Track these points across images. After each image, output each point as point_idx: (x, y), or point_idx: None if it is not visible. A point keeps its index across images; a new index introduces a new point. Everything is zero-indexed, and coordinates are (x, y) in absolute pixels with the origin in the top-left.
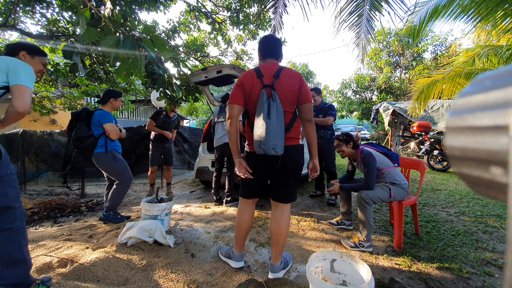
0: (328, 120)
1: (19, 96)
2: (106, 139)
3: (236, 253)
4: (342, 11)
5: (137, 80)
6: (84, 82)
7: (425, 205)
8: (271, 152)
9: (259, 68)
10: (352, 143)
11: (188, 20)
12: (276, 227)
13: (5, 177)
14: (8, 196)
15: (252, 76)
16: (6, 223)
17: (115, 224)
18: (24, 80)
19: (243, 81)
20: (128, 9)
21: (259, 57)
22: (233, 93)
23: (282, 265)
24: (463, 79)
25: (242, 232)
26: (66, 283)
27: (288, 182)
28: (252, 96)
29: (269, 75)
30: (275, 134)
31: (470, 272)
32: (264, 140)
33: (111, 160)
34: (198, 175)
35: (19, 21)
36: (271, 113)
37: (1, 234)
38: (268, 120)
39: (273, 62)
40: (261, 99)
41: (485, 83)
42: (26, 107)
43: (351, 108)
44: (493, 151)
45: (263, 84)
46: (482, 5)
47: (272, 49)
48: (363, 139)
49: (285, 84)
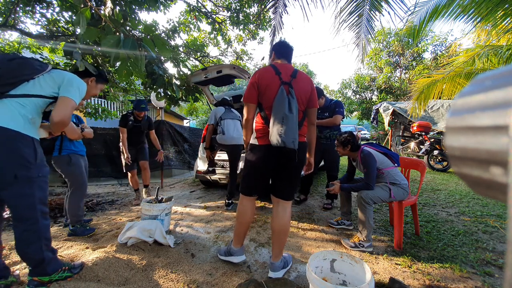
0: (336, 120)
1: (59, 106)
2: (61, 140)
3: (235, 247)
4: (342, 11)
5: (137, 80)
6: None
7: (425, 205)
8: (290, 145)
9: (276, 66)
10: (350, 145)
11: (188, 20)
12: (278, 225)
13: (35, 178)
14: (35, 197)
15: (270, 72)
16: (25, 226)
17: (110, 226)
18: (71, 94)
19: (259, 79)
20: (128, 9)
21: (273, 56)
22: (250, 93)
23: (282, 264)
24: (463, 79)
25: (242, 227)
26: (66, 283)
27: (293, 177)
28: (268, 90)
29: (287, 74)
30: (294, 128)
31: (470, 272)
32: (285, 132)
33: (65, 164)
34: (198, 175)
35: (19, 21)
36: (292, 108)
37: (24, 234)
38: (290, 114)
39: (287, 63)
40: (281, 94)
41: (485, 83)
42: (61, 117)
43: (351, 108)
44: (493, 151)
45: (281, 81)
46: (482, 5)
47: (289, 53)
48: (363, 139)
49: (301, 85)
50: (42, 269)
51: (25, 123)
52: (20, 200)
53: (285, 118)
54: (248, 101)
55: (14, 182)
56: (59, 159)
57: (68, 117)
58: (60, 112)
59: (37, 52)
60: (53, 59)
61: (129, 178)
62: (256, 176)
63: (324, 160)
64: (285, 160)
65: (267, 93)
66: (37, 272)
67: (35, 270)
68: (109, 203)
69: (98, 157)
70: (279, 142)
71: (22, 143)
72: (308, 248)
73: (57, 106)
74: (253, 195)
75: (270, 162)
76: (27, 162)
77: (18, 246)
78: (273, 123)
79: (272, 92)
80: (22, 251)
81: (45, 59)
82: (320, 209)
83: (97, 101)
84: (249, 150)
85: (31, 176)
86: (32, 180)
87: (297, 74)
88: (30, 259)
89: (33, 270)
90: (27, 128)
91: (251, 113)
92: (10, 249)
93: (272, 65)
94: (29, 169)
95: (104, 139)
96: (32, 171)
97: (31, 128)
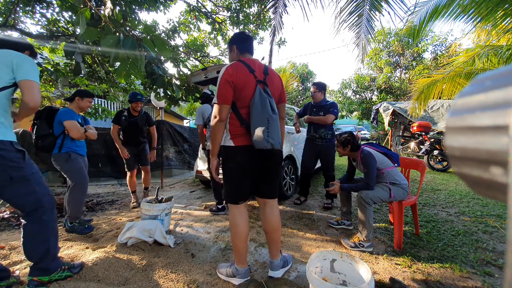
0: (328, 118)
1: (28, 91)
2: (63, 139)
3: (240, 268)
4: (342, 11)
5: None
6: (84, 82)
7: (425, 205)
8: (277, 146)
9: (247, 62)
10: (350, 146)
11: (188, 20)
12: (269, 225)
13: (31, 176)
14: (37, 193)
15: (245, 71)
16: (35, 219)
17: (110, 226)
18: (31, 75)
19: (234, 76)
20: (128, 9)
21: (236, 51)
22: (224, 92)
23: (282, 263)
24: (463, 79)
25: (241, 241)
26: (66, 283)
27: (276, 176)
28: (245, 90)
29: (259, 71)
30: (277, 129)
31: (470, 272)
32: (272, 134)
33: (63, 161)
34: (198, 175)
35: (19, 21)
36: (274, 108)
37: (33, 226)
38: (274, 115)
39: (252, 58)
40: (261, 94)
41: (485, 83)
42: (37, 102)
43: (351, 108)
44: (493, 151)
45: (256, 79)
46: (482, 5)
47: (252, 45)
48: (363, 139)
49: (274, 81)
50: (46, 264)
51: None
52: (25, 199)
53: (270, 120)
54: (224, 102)
55: (12, 183)
56: (59, 156)
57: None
58: (33, 97)
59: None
60: (53, 59)
61: (127, 178)
62: (240, 181)
63: (320, 160)
64: (270, 161)
65: (244, 93)
66: (40, 267)
67: (40, 264)
68: (109, 203)
69: (98, 157)
70: (267, 145)
71: (4, 150)
72: (308, 248)
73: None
74: (240, 202)
75: (254, 164)
76: (16, 163)
77: (25, 240)
78: (257, 125)
79: (249, 92)
80: (30, 244)
81: (45, 59)
82: (320, 209)
83: (97, 101)
84: (225, 154)
85: (25, 175)
86: (28, 178)
87: (269, 70)
88: (36, 251)
89: (37, 265)
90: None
91: (224, 113)
92: (10, 249)
93: (242, 62)
94: (21, 169)
95: (104, 139)
96: (25, 170)
97: (5, 132)
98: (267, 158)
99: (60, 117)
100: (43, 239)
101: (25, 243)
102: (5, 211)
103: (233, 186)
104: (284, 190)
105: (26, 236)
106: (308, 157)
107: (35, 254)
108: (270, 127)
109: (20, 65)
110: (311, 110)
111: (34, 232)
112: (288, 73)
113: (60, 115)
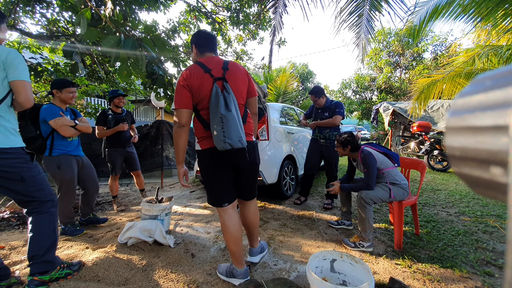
0: (336, 120)
1: (24, 92)
2: (52, 139)
3: (239, 269)
4: (342, 11)
5: (137, 80)
6: (84, 82)
7: (425, 205)
8: (237, 145)
9: (202, 62)
10: (350, 146)
11: (188, 20)
12: (250, 221)
13: (38, 175)
14: (45, 190)
15: (198, 72)
16: (45, 209)
17: (110, 226)
18: (24, 75)
19: (188, 80)
20: (128, 9)
21: (196, 52)
22: (179, 96)
23: (259, 250)
24: (463, 79)
25: (235, 244)
26: (66, 283)
27: (251, 177)
28: (202, 92)
29: (217, 68)
30: (236, 126)
31: (470, 272)
32: (228, 133)
33: (54, 166)
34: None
35: (19, 21)
36: (229, 105)
37: (43, 216)
38: (228, 113)
39: (213, 56)
40: (216, 92)
41: (485, 83)
42: (32, 102)
43: (351, 108)
44: (493, 151)
45: (213, 78)
46: (482, 5)
47: (212, 42)
48: (363, 139)
49: (236, 76)
50: (51, 256)
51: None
52: (36, 193)
53: (223, 119)
54: (182, 107)
55: (24, 182)
56: (50, 160)
57: (33, 99)
58: (28, 97)
59: (37, 52)
60: (53, 59)
61: (109, 182)
62: (216, 183)
63: (323, 160)
64: (237, 161)
65: (201, 94)
66: (44, 260)
67: (44, 257)
68: (109, 203)
69: (98, 157)
70: (226, 146)
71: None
72: (308, 248)
73: (22, 92)
74: (224, 205)
75: (223, 166)
76: (27, 165)
77: (34, 233)
78: (213, 126)
79: (206, 92)
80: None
81: (45, 59)
82: (320, 209)
83: (97, 101)
84: (198, 158)
85: (34, 175)
86: (37, 178)
87: (229, 65)
88: (44, 242)
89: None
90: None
91: (183, 118)
92: (10, 249)
93: (198, 63)
94: (30, 169)
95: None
96: (33, 170)
97: (15, 139)
98: (232, 158)
99: (43, 115)
100: (51, 230)
101: (34, 236)
102: (5, 211)
103: (212, 189)
104: (284, 190)
105: (35, 228)
106: (312, 157)
107: (43, 245)
108: (225, 126)
109: (11, 64)
110: (316, 112)
111: (44, 223)
112: (288, 73)
113: (43, 113)
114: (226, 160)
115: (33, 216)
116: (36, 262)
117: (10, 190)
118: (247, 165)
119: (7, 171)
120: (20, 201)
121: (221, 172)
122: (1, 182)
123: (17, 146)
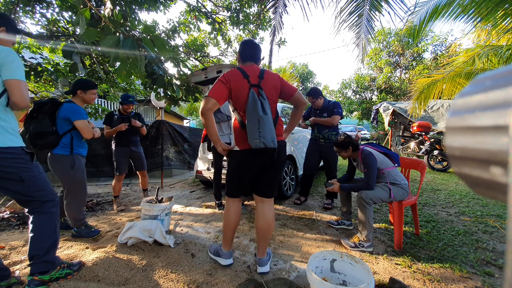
0: (334, 120)
1: (18, 91)
2: (72, 139)
3: (224, 250)
4: (342, 11)
5: (137, 80)
6: None
7: (425, 205)
8: (270, 145)
9: (243, 69)
10: (351, 147)
11: (188, 20)
12: (265, 223)
13: (38, 176)
14: (46, 190)
15: (239, 76)
16: (46, 209)
17: (110, 226)
18: (18, 74)
19: (229, 79)
20: (128, 9)
21: (239, 59)
22: (216, 88)
23: (268, 257)
24: (463, 79)
25: (230, 230)
26: (66, 283)
27: (275, 176)
28: (239, 94)
29: (254, 76)
30: (271, 128)
31: (470, 272)
32: (263, 133)
33: (68, 166)
34: (198, 175)
35: (19, 21)
36: (266, 109)
37: (44, 216)
38: (265, 116)
39: (254, 64)
40: (253, 97)
41: (485, 83)
42: (27, 101)
43: (351, 108)
44: (493, 151)
45: (250, 84)
46: (482, 5)
47: (254, 54)
48: (363, 139)
49: (269, 83)
50: (51, 256)
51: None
52: (36, 192)
53: (260, 120)
54: (214, 96)
55: (23, 182)
56: (66, 159)
57: (28, 98)
58: (23, 97)
59: (37, 52)
60: (53, 59)
61: (113, 182)
62: (241, 179)
63: (323, 160)
64: (267, 160)
65: (239, 96)
66: (45, 260)
67: (45, 257)
68: (109, 203)
69: (98, 157)
70: (260, 144)
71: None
72: (308, 248)
73: (17, 92)
74: (238, 196)
75: (253, 165)
76: (26, 165)
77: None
78: (250, 126)
79: (243, 95)
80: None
81: (45, 59)
82: (320, 209)
83: (97, 101)
84: (232, 156)
85: (34, 175)
86: (37, 178)
87: (264, 74)
88: (45, 242)
89: (43, 257)
90: (10, 140)
91: (210, 105)
92: (10, 249)
93: (239, 68)
94: (30, 169)
95: (104, 139)
96: (33, 170)
97: (14, 139)
98: (263, 157)
99: (67, 114)
100: (52, 230)
101: (34, 236)
102: (5, 211)
103: (236, 182)
104: (284, 190)
105: (36, 228)
106: (311, 157)
107: (43, 245)
108: (261, 127)
109: (5, 62)
110: (315, 113)
111: (45, 223)
112: (288, 73)
113: (67, 111)
114: (258, 159)
115: (34, 216)
116: (37, 262)
117: (9, 190)
118: (276, 163)
119: (5, 171)
120: (21, 200)
121: (249, 169)
122: (0, 182)
123: (15, 145)
